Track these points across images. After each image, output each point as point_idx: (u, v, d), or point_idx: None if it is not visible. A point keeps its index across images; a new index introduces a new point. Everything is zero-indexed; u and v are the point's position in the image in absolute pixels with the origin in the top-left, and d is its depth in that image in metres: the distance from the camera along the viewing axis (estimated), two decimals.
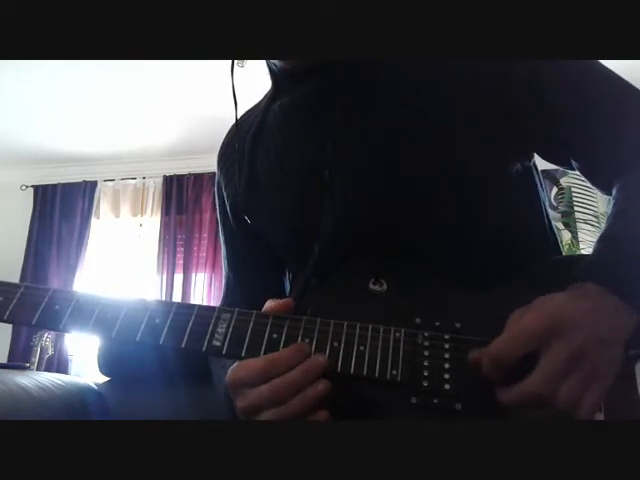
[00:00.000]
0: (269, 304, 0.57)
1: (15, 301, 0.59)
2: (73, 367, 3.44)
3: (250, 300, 0.62)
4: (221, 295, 0.86)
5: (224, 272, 0.85)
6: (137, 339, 0.55)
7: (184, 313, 0.57)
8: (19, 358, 3.39)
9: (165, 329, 0.56)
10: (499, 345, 0.48)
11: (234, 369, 0.53)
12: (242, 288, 0.82)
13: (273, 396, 0.50)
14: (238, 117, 0.80)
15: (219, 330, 0.55)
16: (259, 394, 0.51)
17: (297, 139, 0.71)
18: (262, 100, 0.82)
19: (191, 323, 0.56)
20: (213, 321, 0.56)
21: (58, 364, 3.36)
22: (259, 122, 0.76)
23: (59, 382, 1.24)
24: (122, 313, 0.57)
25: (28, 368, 2.60)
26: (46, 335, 3.12)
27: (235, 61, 0.74)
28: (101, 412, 1.25)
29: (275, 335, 0.55)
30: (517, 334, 0.47)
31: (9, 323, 0.59)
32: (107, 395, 1.31)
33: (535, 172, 0.72)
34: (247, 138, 0.77)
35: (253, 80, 1.02)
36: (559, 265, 0.63)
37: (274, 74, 0.75)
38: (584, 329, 0.47)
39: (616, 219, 0.57)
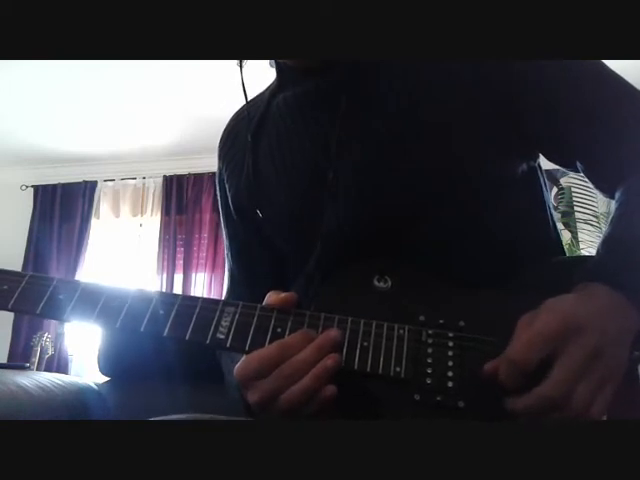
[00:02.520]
0: (271, 297, 0.57)
1: (19, 290, 0.59)
2: (73, 367, 3.44)
3: (253, 293, 0.62)
4: (224, 289, 0.86)
5: (227, 265, 0.85)
6: (141, 329, 0.55)
7: (188, 305, 0.57)
8: (19, 358, 3.39)
9: (170, 320, 0.56)
10: (517, 350, 0.47)
11: (243, 363, 0.53)
12: (245, 280, 0.81)
13: (294, 374, 0.50)
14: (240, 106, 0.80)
15: (223, 323, 0.55)
16: (277, 376, 0.50)
17: (299, 136, 0.70)
18: (265, 90, 0.82)
19: (195, 315, 0.56)
20: (217, 314, 0.56)
21: (58, 364, 3.36)
22: (262, 113, 0.76)
23: (59, 382, 1.24)
24: (127, 304, 0.57)
25: (28, 368, 2.60)
26: (46, 335, 3.12)
27: (235, 61, 0.73)
28: (101, 412, 1.25)
29: (279, 329, 0.55)
30: (534, 338, 0.47)
31: (13, 312, 0.59)
32: (107, 395, 1.31)
33: (540, 173, 0.72)
34: (250, 127, 0.76)
35: (254, 79, 1.02)
36: (562, 266, 0.63)
37: (279, 66, 0.75)
38: (597, 330, 0.46)
39: (619, 221, 0.57)
